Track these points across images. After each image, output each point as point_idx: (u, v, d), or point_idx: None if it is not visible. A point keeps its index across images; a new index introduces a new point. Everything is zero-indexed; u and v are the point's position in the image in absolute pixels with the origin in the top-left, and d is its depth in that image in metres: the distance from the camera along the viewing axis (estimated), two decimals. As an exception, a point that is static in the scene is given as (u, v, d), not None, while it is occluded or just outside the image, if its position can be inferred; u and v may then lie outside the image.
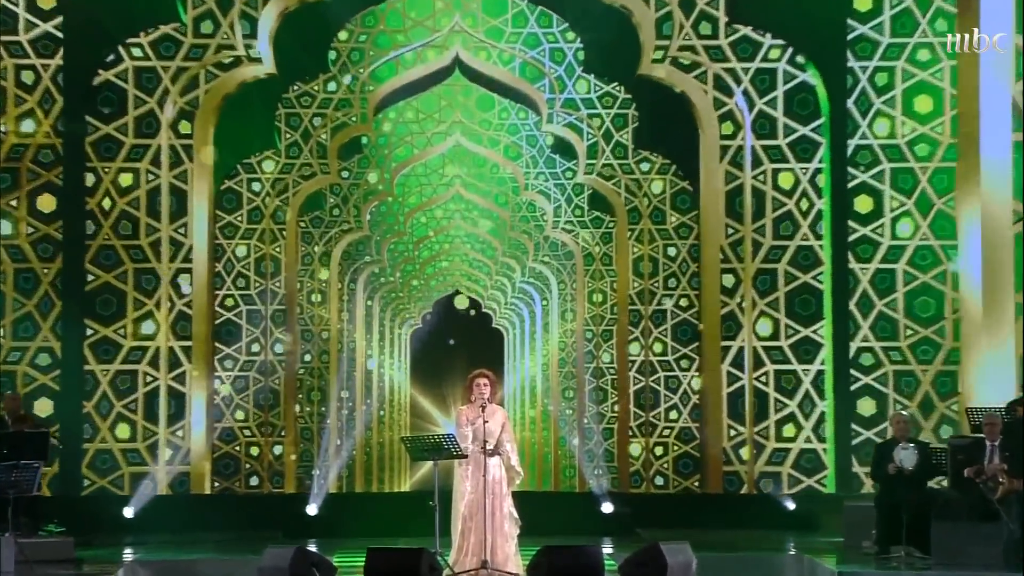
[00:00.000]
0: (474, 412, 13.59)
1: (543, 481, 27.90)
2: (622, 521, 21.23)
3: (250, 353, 24.66)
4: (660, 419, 24.73)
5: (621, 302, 25.37)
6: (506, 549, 13.50)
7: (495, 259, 28.87)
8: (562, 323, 27.49)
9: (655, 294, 25.04)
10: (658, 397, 24.83)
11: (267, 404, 24.24)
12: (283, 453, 24.25)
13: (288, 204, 25.30)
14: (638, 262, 25.18)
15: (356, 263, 27.15)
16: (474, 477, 13.46)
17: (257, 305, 24.91)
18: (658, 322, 25.12)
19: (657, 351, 24.96)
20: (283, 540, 18.57)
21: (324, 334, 26.28)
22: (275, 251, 24.96)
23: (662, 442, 24.79)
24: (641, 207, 25.34)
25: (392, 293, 29.45)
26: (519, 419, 29.68)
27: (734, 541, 19.24)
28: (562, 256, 27.41)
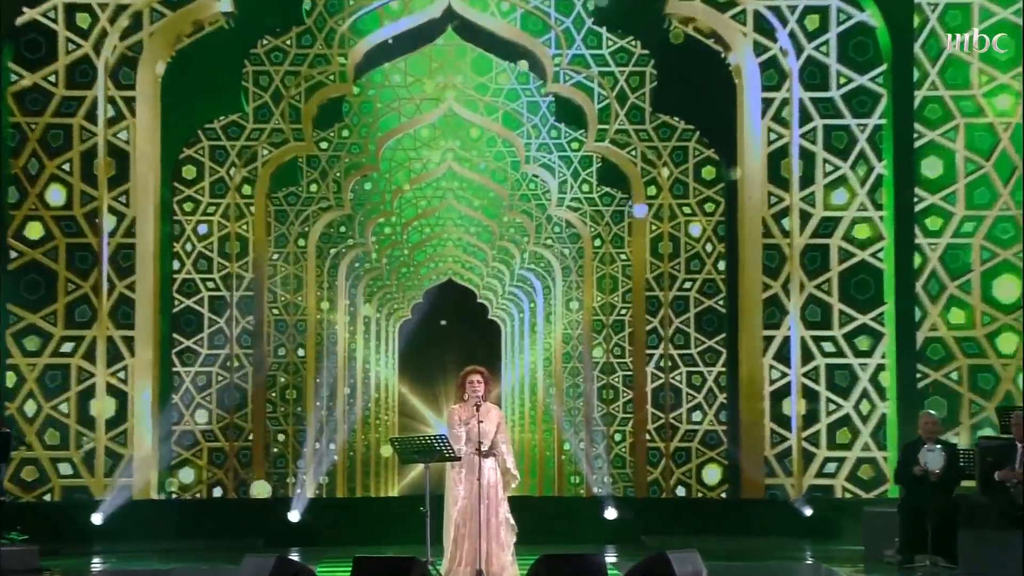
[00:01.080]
0: (467, 411, 12.31)
1: (544, 486, 24.36)
2: (626, 528, 19.21)
3: (213, 346, 20.86)
4: (682, 420, 21.09)
5: (637, 288, 21.56)
6: (502, 558, 12.26)
7: (491, 243, 25.16)
8: (566, 313, 23.49)
9: (676, 278, 21.20)
10: (679, 396, 21.13)
11: (233, 404, 20.81)
12: (251, 459, 20.87)
13: (257, 176, 21.29)
14: (656, 242, 21.26)
15: (338, 247, 23.37)
16: (468, 481, 12.23)
17: (221, 290, 20.90)
18: (680, 310, 21.35)
19: (679, 343, 21.23)
20: (263, 548, 17.55)
21: (300, 324, 22.21)
22: (241, 229, 21.13)
23: (684, 447, 21.13)
24: (660, 179, 21.27)
25: (378, 281, 25.59)
26: (518, 418, 26.02)
27: (746, 549, 17.77)
28: (567, 238, 23.26)
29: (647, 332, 21.38)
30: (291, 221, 22.13)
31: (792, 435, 20.04)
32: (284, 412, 21.65)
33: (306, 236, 22.18)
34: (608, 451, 21.84)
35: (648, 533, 18.64)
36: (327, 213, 22.41)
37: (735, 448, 20.05)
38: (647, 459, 21.15)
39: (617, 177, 22.02)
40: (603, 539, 18.62)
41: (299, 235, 22.08)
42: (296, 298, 22.02)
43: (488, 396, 12.38)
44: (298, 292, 22.02)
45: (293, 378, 21.85)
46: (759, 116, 20.21)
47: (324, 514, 19.65)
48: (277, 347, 21.76)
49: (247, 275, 20.96)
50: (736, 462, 20.01)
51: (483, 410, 12.23)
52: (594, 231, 22.35)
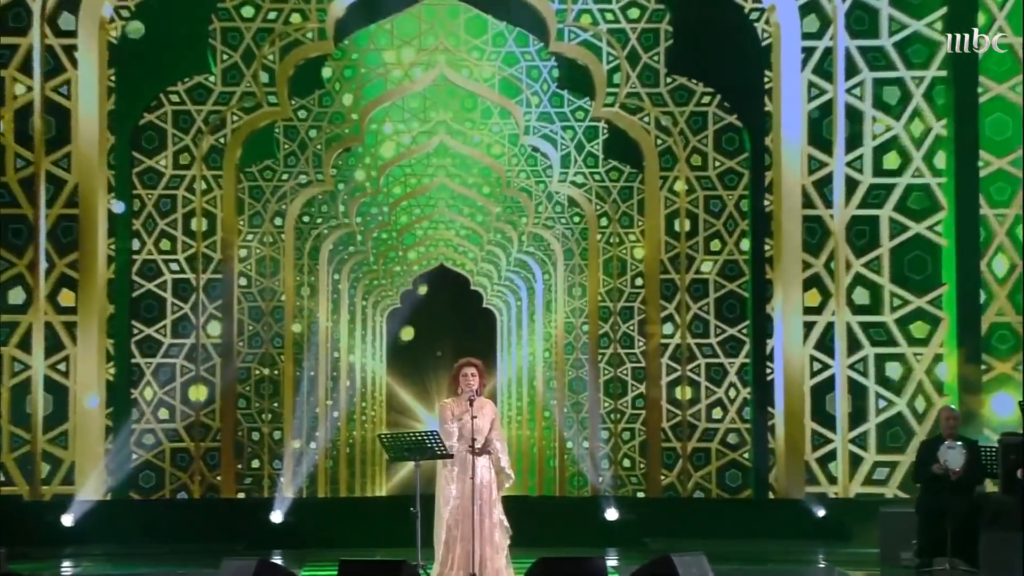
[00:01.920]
0: (461, 406, 11.48)
1: (545, 486, 22.97)
2: (628, 529, 18.21)
3: (178, 334, 19.35)
4: (700, 418, 19.68)
5: (650, 270, 19.82)
6: (496, 561, 11.49)
7: (487, 225, 23.71)
8: (569, 300, 22.11)
9: (693, 259, 19.73)
10: (698, 390, 19.58)
11: (200, 401, 19.26)
12: (219, 460, 19.35)
13: (226, 145, 19.50)
14: (672, 219, 19.71)
15: (319, 227, 21.70)
16: (460, 480, 11.50)
17: (186, 273, 19.30)
18: (698, 294, 19.79)
19: (697, 331, 19.69)
20: (244, 551, 16.30)
21: (277, 311, 20.44)
22: (209, 205, 19.47)
23: (704, 448, 19.64)
24: (676, 149, 19.53)
25: (363, 266, 24.10)
26: (515, 414, 24.82)
27: (755, 552, 16.94)
28: (569, 218, 21.82)
29: (661, 319, 19.85)
30: (267, 198, 20.38)
31: (837, 436, 18.51)
32: (259, 408, 20.16)
33: (283, 215, 20.44)
34: (616, 450, 20.46)
35: (652, 535, 17.77)
36: (307, 189, 20.57)
37: (762, 449, 18.78)
38: (662, 460, 19.76)
39: (626, 148, 20.28)
40: (604, 542, 17.67)
41: (275, 213, 20.35)
42: (272, 282, 20.31)
43: (483, 390, 11.66)
44: (275, 276, 20.32)
45: (269, 371, 20.21)
46: (798, 68, 18.40)
47: (308, 515, 18.55)
48: (251, 337, 20.16)
49: (215, 255, 19.27)
50: (764, 465, 18.75)
51: (477, 405, 11.58)
52: (600, 209, 20.63)
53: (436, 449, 11.50)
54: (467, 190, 22.43)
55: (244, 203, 19.91)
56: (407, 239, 23.74)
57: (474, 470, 11.40)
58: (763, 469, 18.69)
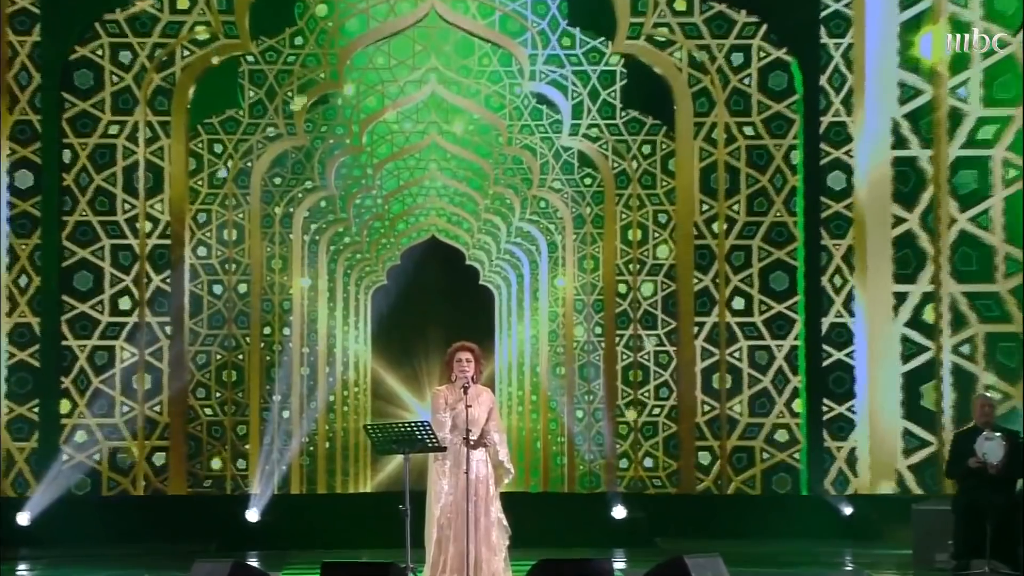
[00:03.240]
0: (455, 394, 10.92)
1: (552, 482, 21.03)
2: (638, 529, 17.42)
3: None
4: (741, 411, 17.81)
5: (681, 235, 18.32)
6: (493, 564, 10.84)
7: (477, 214, 22.23)
8: (579, 275, 20.31)
9: (734, 222, 18.02)
10: (739, 378, 17.71)
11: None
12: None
13: (175, 85, 17.69)
14: (708, 174, 18.18)
15: (292, 189, 19.61)
16: (454, 475, 10.87)
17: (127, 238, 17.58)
18: (739, 264, 18.15)
19: (738, 308, 17.83)
20: (216, 553, 15.87)
21: (242, 287, 18.77)
22: (155, 156, 17.55)
23: (746, 446, 17.82)
24: (713, 90, 17.95)
25: (344, 236, 22.18)
26: (515, 404, 22.69)
27: (776, 553, 16.11)
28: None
29: (696, 294, 18.35)
30: (228, 153, 18.52)
31: (935, 437, 16.63)
32: (222, 398, 18.49)
33: (249, 174, 18.60)
34: (636, 448, 18.85)
35: (662, 535, 17.36)
36: (276, 144, 18.72)
37: (817, 450, 17.37)
38: (695, 461, 18.30)
39: (650, 94, 18.66)
40: (611, 542, 17.13)
41: (240, 172, 18.48)
42: (236, 252, 18.51)
43: (479, 377, 11.04)
44: (239, 245, 18.55)
45: (232, 355, 18.52)
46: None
47: (287, 513, 17.95)
48: (211, 315, 18.51)
49: (163, 218, 17.74)
50: (820, 468, 17.46)
51: (472, 393, 10.92)
52: (617, 166, 18.87)
53: (427, 441, 10.96)
54: (462, 150, 20.44)
55: (202, 158, 18.13)
56: (394, 207, 21.79)
57: (469, 464, 10.92)
58: (818, 473, 17.39)
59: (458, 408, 10.90)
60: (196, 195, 18.23)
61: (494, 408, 11.15)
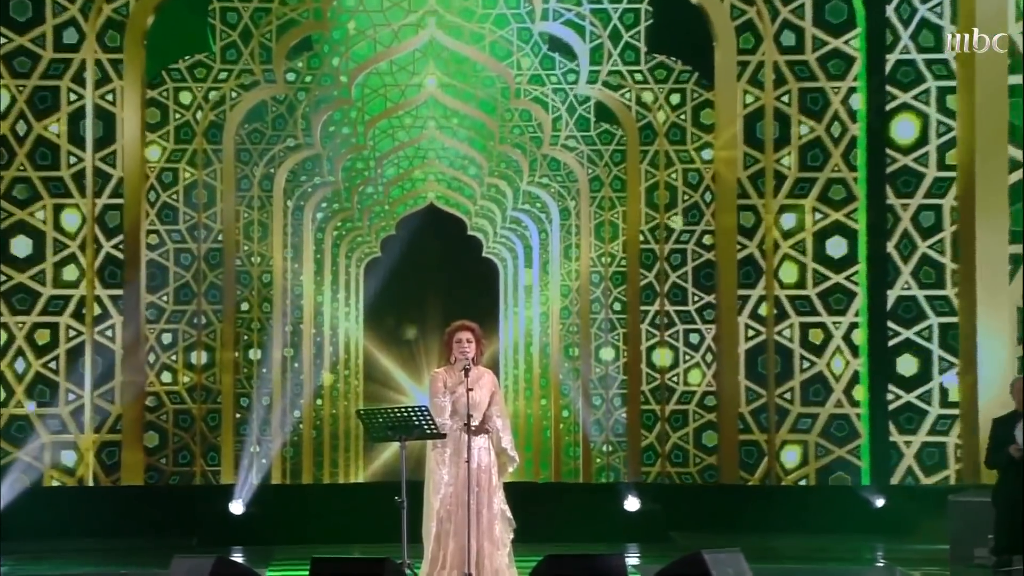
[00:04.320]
0: (454, 377, 10.89)
1: (563, 472, 20.52)
2: (653, 522, 17.27)
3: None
4: (792, 400, 17.16)
5: (722, 188, 17.77)
6: (496, 559, 10.77)
7: (480, 179, 21.74)
8: (596, 244, 19.62)
9: (783, 179, 17.37)
10: (788, 361, 17.34)
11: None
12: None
13: None
14: (752, 122, 17.62)
15: (273, 146, 18.91)
16: (454, 464, 10.84)
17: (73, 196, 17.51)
18: (788, 228, 17.54)
19: (787, 279, 17.45)
20: (198, 548, 16.14)
21: (213, 256, 18.44)
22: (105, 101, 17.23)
23: (797, 439, 17.23)
24: (760, 23, 17.55)
25: (336, 203, 21.68)
26: (523, 388, 21.76)
27: (803, 548, 16.13)
28: (565, 177, 20.01)
29: (739, 263, 17.71)
30: (198, 103, 17.87)
31: None
32: (190, 384, 18.36)
33: (221, 128, 18.06)
34: (662, 440, 18.32)
35: (679, 528, 17.31)
36: (253, 93, 18.17)
37: (882, 443, 16.99)
38: (739, 457, 17.76)
39: (679, 34, 18.15)
40: (623, 536, 17.08)
41: (211, 126, 17.97)
42: (206, 217, 18.09)
43: (480, 358, 10.99)
44: (210, 209, 18.10)
45: (202, 334, 18.13)
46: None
47: (274, 505, 17.87)
48: (178, 288, 18.18)
49: (114, 173, 17.32)
50: (886, 465, 16.96)
51: (474, 375, 10.84)
52: (641, 119, 18.24)
53: (425, 427, 10.90)
54: (463, 103, 19.66)
55: (168, 110, 17.57)
56: (388, 170, 21.22)
57: (470, 452, 10.83)
58: (882, 472, 16.95)
59: (458, 392, 10.76)
60: (161, 151, 17.64)
61: (497, 391, 10.98)
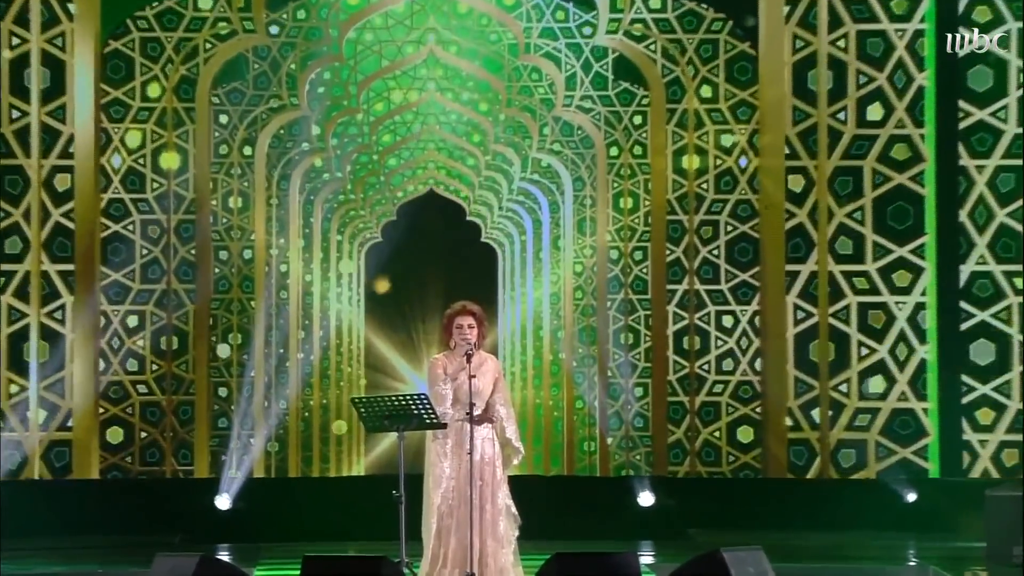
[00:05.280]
0: (455, 363, 10.71)
1: (575, 463, 19.74)
2: (668, 518, 16.95)
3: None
4: (847, 392, 16.13)
5: (767, 158, 16.72)
6: (500, 558, 10.60)
7: (484, 146, 20.73)
8: (614, 215, 18.50)
9: (837, 136, 16.17)
10: (845, 346, 16.24)
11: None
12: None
13: None
14: (803, 71, 16.45)
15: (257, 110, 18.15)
16: (455, 455, 10.70)
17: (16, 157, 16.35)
18: (844, 192, 16.29)
19: (843, 253, 16.29)
20: (181, 545, 16.02)
21: (185, 229, 17.28)
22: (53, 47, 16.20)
23: (855, 439, 16.26)
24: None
25: (322, 169, 20.95)
26: (532, 375, 20.84)
27: (828, 545, 15.81)
28: (579, 143, 18.79)
29: (787, 234, 16.54)
30: (168, 55, 16.92)
31: None
32: (159, 372, 17.54)
33: (193, 83, 17.08)
34: (692, 436, 17.32)
35: (697, 525, 16.86)
36: (230, 44, 17.06)
37: (954, 439, 16.15)
38: (788, 458, 16.53)
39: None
40: (637, 533, 16.72)
41: (182, 80, 16.99)
42: (178, 184, 17.20)
43: (482, 343, 10.86)
44: (182, 175, 17.16)
45: (173, 316, 17.32)
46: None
47: (263, 500, 17.57)
48: (145, 265, 17.18)
49: (64, 129, 16.47)
50: (958, 465, 16.09)
51: (476, 361, 10.67)
52: (668, 73, 17.45)
53: (425, 416, 10.75)
54: (461, 107, 19.16)
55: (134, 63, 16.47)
56: (389, 161, 20.60)
57: (473, 443, 10.65)
58: (955, 472, 16.03)
59: (459, 379, 10.59)
60: (122, 109, 16.51)
61: (500, 378, 10.81)
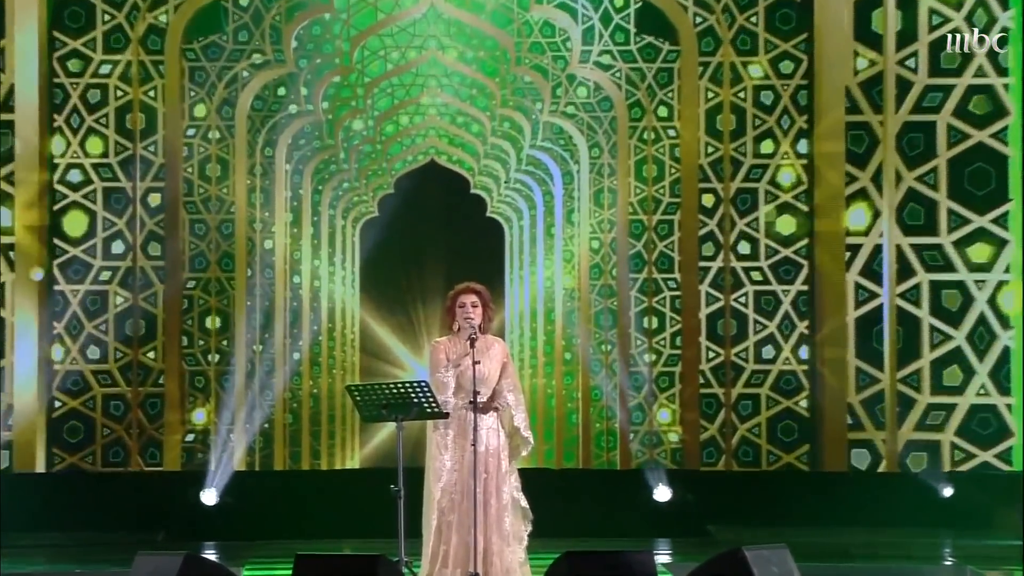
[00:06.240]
0: (459, 347, 10.43)
1: (592, 457, 18.93)
2: (686, 513, 16.54)
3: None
4: (918, 385, 15.10)
5: (826, 128, 15.49)
6: (507, 557, 10.32)
7: (490, 110, 19.72)
8: (637, 185, 17.10)
9: (906, 88, 14.89)
10: (915, 332, 15.03)
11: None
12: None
13: None
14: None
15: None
16: (458, 447, 10.44)
17: None
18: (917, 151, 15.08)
19: (910, 223, 14.88)
20: (164, 543, 15.92)
21: (152, 198, 16.36)
22: None
23: (926, 439, 15.48)
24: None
25: (332, 164, 20.26)
26: (543, 362, 19.81)
27: (857, 544, 15.36)
28: (596, 106, 17.46)
29: (846, 200, 15.55)
30: (133, 3, 16.40)
31: None
32: (123, 362, 16.78)
33: (162, 33, 16.43)
34: (726, 431, 16.40)
35: (717, 521, 16.30)
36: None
37: None
38: (847, 461, 15.80)
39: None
40: (652, 530, 16.27)
41: (149, 30, 16.48)
42: (145, 147, 16.45)
43: (488, 325, 10.45)
44: (150, 137, 16.51)
45: (139, 296, 16.63)
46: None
47: (252, 494, 17.28)
48: (108, 239, 16.64)
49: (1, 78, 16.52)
50: None
51: (481, 345, 10.30)
52: (701, 22, 16.31)
53: (425, 405, 10.44)
54: (465, 67, 18.58)
55: (95, 10, 15.92)
56: (387, 128, 20.02)
57: (477, 433, 10.37)
58: None
59: (463, 364, 10.31)
60: (81, 62, 16.00)
61: (508, 363, 10.50)
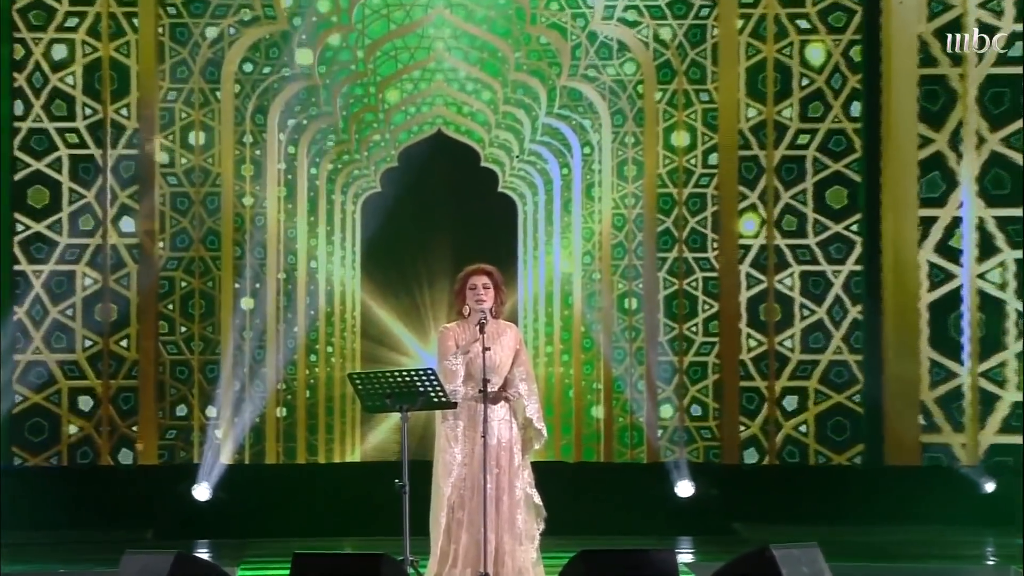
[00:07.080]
0: (468, 333, 10.12)
1: (611, 452, 18.46)
2: (710, 510, 16.22)
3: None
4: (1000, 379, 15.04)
5: None
6: (519, 556, 10.05)
7: (502, 76, 18.93)
8: (667, 156, 16.45)
9: None
10: None
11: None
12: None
13: None
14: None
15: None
16: (468, 439, 10.17)
17: None
18: None
19: None
20: (154, 542, 15.72)
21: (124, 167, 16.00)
22: None
23: (1007, 444, 15.50)
24: None
25: (330, 134, 19.55)
26: (557, 349, 19.06)
27: (894, 542, 15.27)
28: (619, 68, 16.67)
29: (921, 166, 15.09)
30: None
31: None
32: (93, 353, 16.58)
33: None
34: (770, 428, 16.12)
35: (742, 518, 15.93)
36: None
37: None
38: (923, 464, 15.61)
39: None
40: (673, 528, 15.86)
41: None
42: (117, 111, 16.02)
43: (500, 310, 10.16)
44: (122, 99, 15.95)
45: (110, 277, 16.42)
46: None
47: (247, 490, 16.83)
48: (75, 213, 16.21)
49: None
50: None
51: (492, 331, 10.00)
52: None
53: (432, 394, 10.01)
54: (474, 27, 18.05)
55: None
56: (390, 95, 19.40)
57: (487, 424, 9.96)
58: None
59: (473, 351, 10.03)
60: (44, 14, 15.54)
61: (522, 350, 10.20)
